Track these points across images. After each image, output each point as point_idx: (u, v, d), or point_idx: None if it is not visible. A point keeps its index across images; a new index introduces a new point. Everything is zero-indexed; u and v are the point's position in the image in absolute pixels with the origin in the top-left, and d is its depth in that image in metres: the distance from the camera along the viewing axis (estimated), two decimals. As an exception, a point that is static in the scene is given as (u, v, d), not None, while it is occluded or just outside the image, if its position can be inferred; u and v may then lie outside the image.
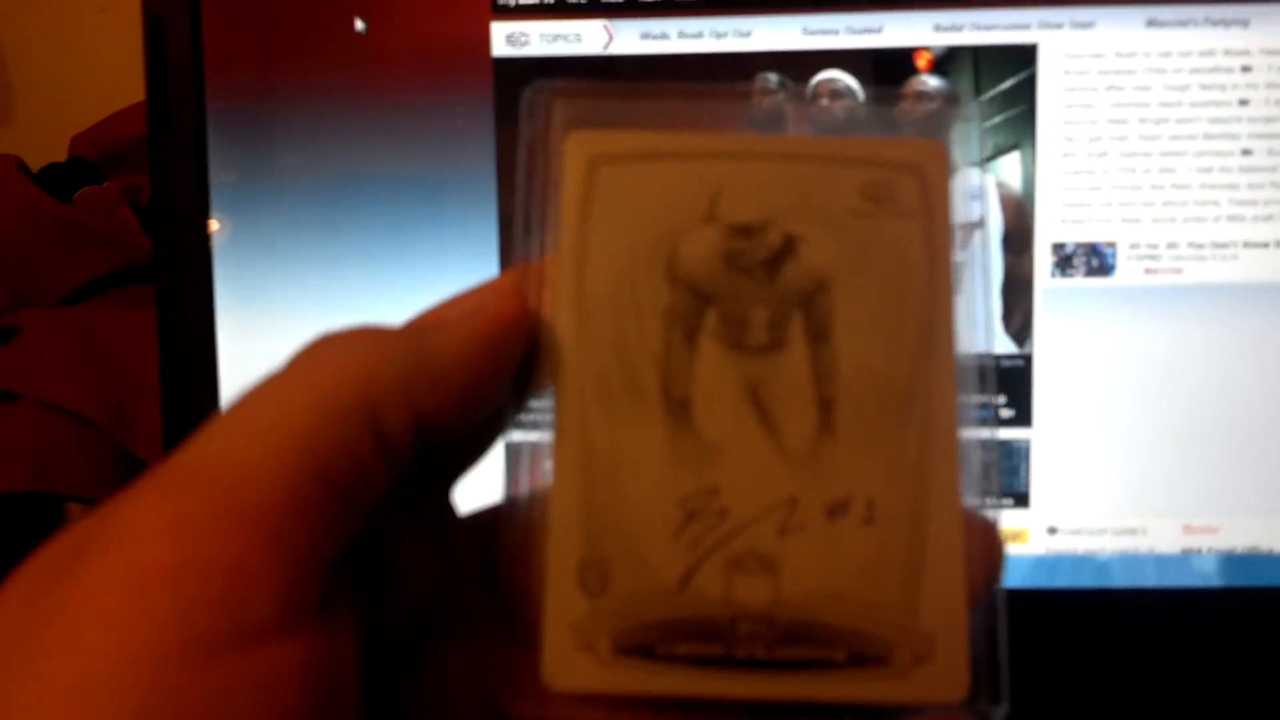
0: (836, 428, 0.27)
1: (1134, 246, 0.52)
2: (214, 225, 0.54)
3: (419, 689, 0.27)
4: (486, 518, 0.29)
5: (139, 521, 0.21)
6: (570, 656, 0.26)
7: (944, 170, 0.28)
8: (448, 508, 0.29)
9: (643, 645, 0.26)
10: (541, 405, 0.27)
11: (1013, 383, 0.53)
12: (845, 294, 0.27)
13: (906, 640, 0.26)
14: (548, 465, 0.27)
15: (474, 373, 0.25)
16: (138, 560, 0.21)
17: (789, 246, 0.27)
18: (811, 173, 0.28)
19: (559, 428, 0.27)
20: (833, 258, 0.27)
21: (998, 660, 0.26)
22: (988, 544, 0.26)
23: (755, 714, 0.26)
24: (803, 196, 0.28)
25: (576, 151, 0.28)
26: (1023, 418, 0.53)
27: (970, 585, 0.26)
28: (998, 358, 0.52)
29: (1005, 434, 0.53)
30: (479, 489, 0.29)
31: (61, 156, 0.83)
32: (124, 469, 0.67)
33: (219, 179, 0.54)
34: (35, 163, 0.82)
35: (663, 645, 0.26)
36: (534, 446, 0.27)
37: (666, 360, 0.27)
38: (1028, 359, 0.53)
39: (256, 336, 0.55)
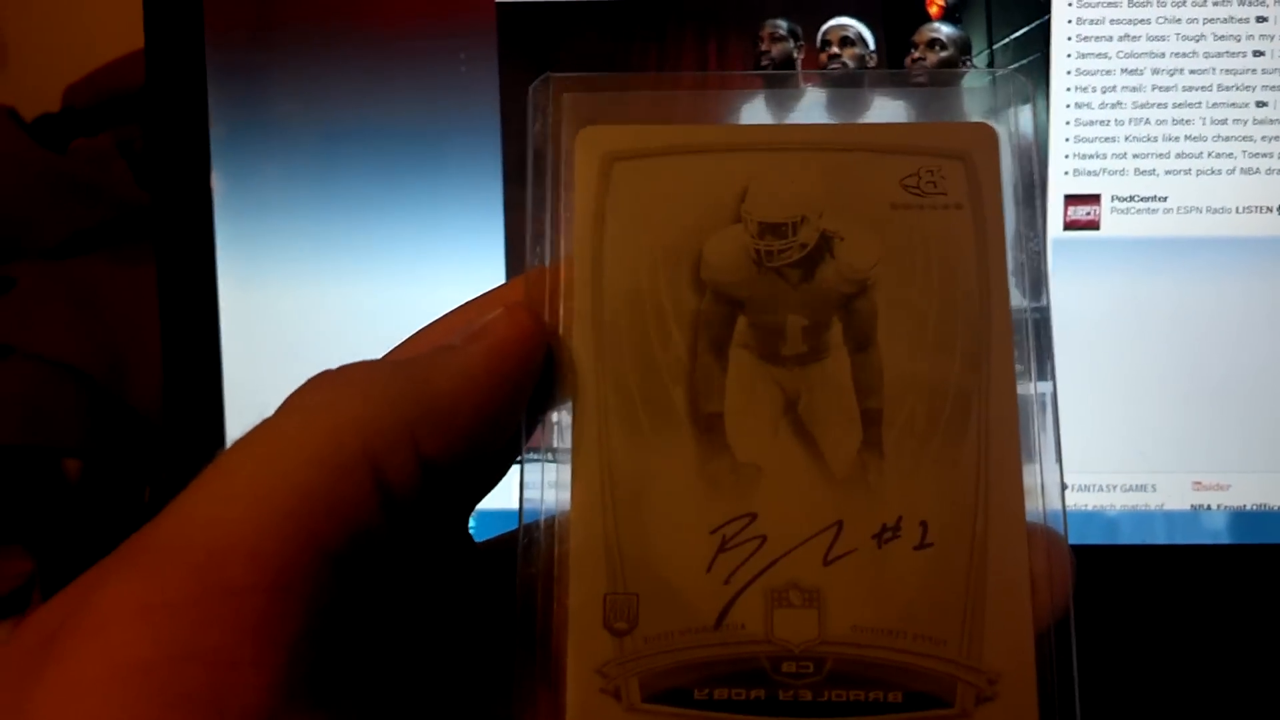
0: (884, 444, 0.23)
1: (1147, 199, 0.48)
2: (213, 177, 0.51)
3: None
4: (506, 546, 0.25)
5: (112, 606, 0.18)
6: (596, 703, 0.22)
7: (994, 156, 0.24)
8: (463, 540, 0.25)
9: (676, 690, 0.22)
10: (558, 424, 0.23)
11: (1023, 338, 0.49)
12: (889, 296, 0.24)
13: (969, 678, 0.22)
14: (566, 490, 0.23)
15: (484, 406, 0.22)
16: (110, 652, 0.18)
17: (825, 245, 0.24)
18: (847, 163, 0.24)
19: (577, 449, 0.23)
20: (874, 256, 0.24)
21: (1072, 696, 0.22)
22: (1056, 564, 0.23)
23: None
24: (838, 190, 0.24)
25: (588, 148, 0.24)
26: (1032, 374, 0.49)
27: (1038, 613, 0.22)
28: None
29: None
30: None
31: (55, 107, 0.78)
32: (119, 422, 0.63)
33: (218, 130, 0.50)
34: (28, 113, 0.77)
35: (699, 689, 0.22)
36: (552, 469, 0.23)
37: (694, 373, 0.23)
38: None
39: (257, 289, 0.51)
